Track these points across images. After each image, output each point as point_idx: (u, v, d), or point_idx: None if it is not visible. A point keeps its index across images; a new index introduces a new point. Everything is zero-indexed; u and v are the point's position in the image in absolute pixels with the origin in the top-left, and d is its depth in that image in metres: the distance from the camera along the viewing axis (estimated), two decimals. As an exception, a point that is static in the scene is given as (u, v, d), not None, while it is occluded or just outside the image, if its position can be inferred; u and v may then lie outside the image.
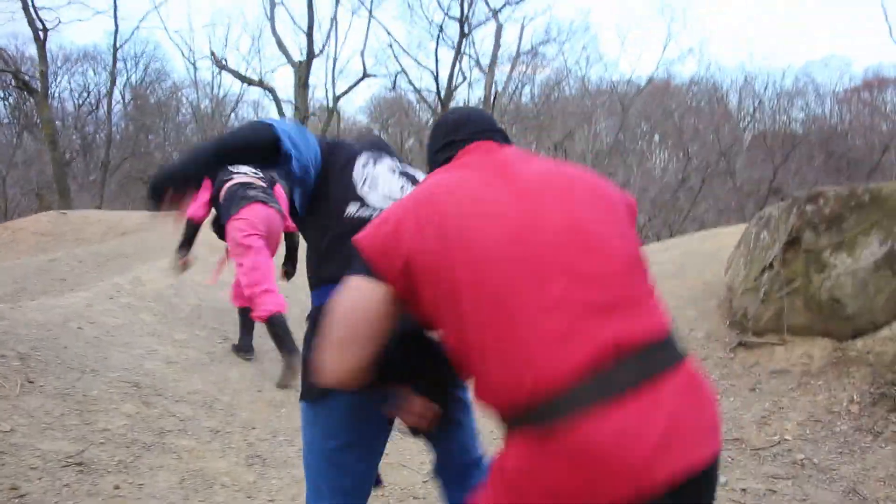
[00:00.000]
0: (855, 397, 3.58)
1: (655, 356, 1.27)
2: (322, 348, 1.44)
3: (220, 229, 5.26)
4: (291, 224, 5.15)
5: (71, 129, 29.82)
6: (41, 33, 19.86)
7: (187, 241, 5.30)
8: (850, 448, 3.30)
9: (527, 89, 29.56)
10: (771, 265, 4.29)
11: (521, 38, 25.54)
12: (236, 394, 4.46)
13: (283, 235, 5.35)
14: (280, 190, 5.35)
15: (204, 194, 5.22)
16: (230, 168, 5.23)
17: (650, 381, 1.23)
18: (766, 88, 31.92)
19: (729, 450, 3.49)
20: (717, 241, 6.05)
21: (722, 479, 3.28)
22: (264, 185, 5.26)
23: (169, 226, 7.11)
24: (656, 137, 33.52)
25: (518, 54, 25.52)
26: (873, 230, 3.94)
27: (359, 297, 1.43)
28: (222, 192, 5.10)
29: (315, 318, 1.87)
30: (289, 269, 5.39)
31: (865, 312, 3.88)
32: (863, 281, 3.91)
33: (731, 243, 5.39)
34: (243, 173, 5.25)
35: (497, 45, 23.74)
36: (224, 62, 26.61)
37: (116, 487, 3.25)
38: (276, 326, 4.70)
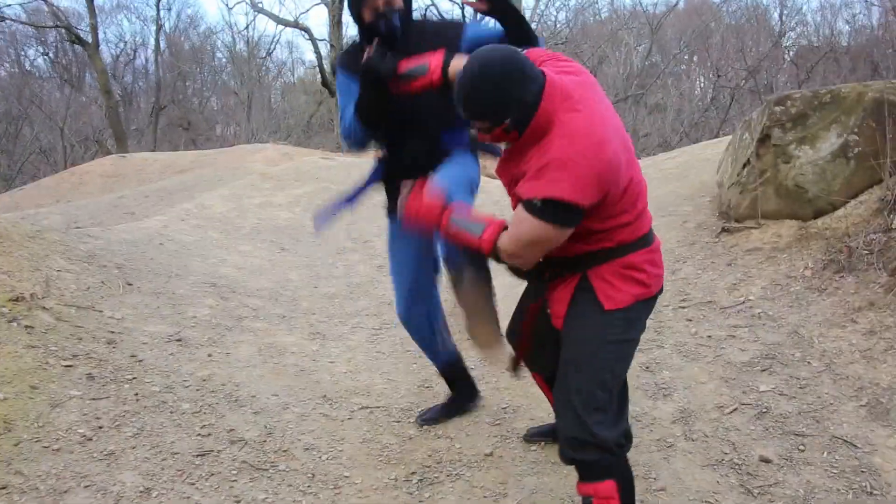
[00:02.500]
0: (810, 264, 4.29)
1: None
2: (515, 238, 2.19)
3: None
4: None
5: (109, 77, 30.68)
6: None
7: None
8: (799, 302, 4.03)
9: (559, 15, 29.73)
10: (748, 161, 4.96)
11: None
12: (296, 290, 5.31)
13: None
14: None
15: None
16: None
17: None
18: (807, 1, 31.29)
19: (702, 309, 4.24)
20: (717, 148, 6.68)
21: (693, 329, 4.04)
22: None
23: (220, 161, 7.94)
24: (695, 58, 33.34)
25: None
26: (832, 125, 4.59)
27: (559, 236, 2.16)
28: None
29: None
30: None
31: (824, 195, 4.56)
32: (822, 169, 4.58)
33: (728, 148, 6.04)
34: None
35: (524, -27, 23.93)
36: (260, 4, 27.15)
37: (209, 355, 4.11)
38: None
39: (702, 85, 32.11)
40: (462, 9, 21.89)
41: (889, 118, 4.32)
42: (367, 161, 8.12)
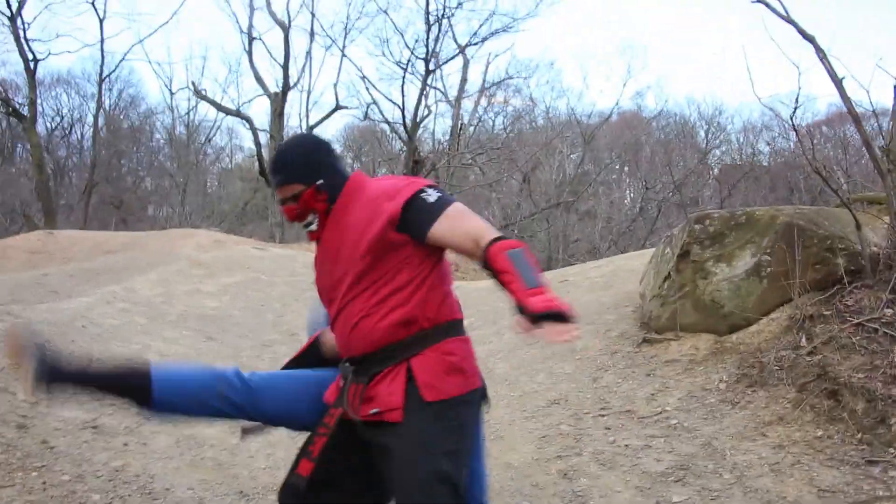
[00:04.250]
0: (724, 378, 4.46)
1: None
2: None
3: None
4: None
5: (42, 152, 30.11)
6: (31, 63, 20.78)
7: None
8: (714, 415, 4.17)
9: (496, 120, 30.74)
10: (669, 275, 5.18)
11: (485, 73, 26.54)
12: (220, 380, 5.24)
13: None
14: None
15: None
16: None
17: None
18: (731, 121, 33.20)
19: (621, 418, 4.34)
20: (642, 259, 6.93)
21: (611, 438, 4.13)
22: None
23: (151, 245, 7.89)
24: (626, 168, 34.66)
25: (483, 88, 26.59)
26: (747, 245, 4.85)
27: None
28: None
29: None
30: None
31: (739, 311, 4.78)
32: (737, 286, 4.82)
33: (652, 260, 6.28)
34: None
35: (464, 80, 24.85)
36: (203, 92, 27.37)
37: (125, 445, 4.03)
38: None
39: (631, 195, 33.31)
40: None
41: (798, 241, 4.59)
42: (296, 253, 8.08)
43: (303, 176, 2.23)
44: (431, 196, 2.12)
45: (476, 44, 24.88)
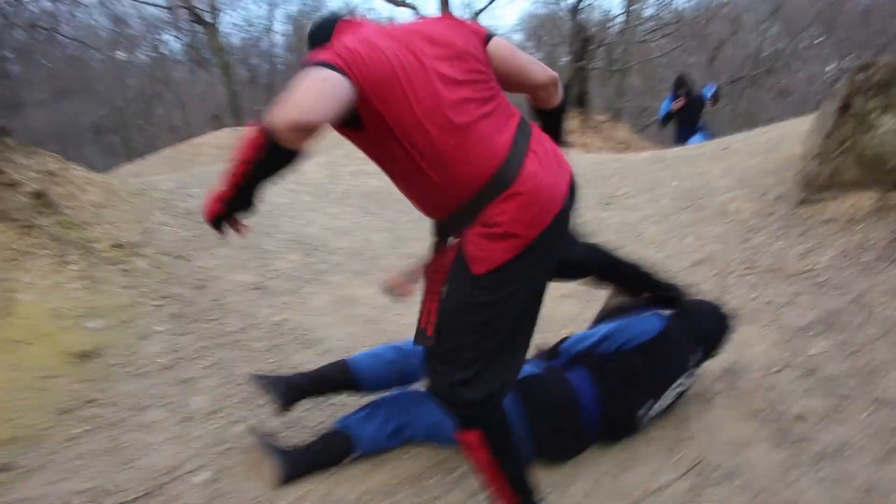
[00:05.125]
0: (885, 235, 4.19)
1: (527, 130, 2.19)
2: (289, 97, 1.80)
3: None
4: None
5: (237, 62, 31.68)
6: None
7: None
8: (868, 272, 3.95)
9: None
10: (830, 131, 4.85)
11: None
12: (377, 249, 5.55)
13: None
14: None
15: None
16: None
17: (529, 142, 2.14)
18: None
19: (766, 277, 4.22)
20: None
21: (753, 294, 4.04)
22: None
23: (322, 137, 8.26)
24: (823, 39, 31.74)
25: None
26: (918, 93, 4.44)
27: (331, 77, 1.87)
28: None
29: None
30: None
31: (906, 166, 4.43)
32: (905, 138, 4.45)
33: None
34: None
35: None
36: (373, -14, 27.63)
37: (286, 303, 4.39)
38: None
39: (830, 68, 30.59)
40: None
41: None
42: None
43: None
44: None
45: None
